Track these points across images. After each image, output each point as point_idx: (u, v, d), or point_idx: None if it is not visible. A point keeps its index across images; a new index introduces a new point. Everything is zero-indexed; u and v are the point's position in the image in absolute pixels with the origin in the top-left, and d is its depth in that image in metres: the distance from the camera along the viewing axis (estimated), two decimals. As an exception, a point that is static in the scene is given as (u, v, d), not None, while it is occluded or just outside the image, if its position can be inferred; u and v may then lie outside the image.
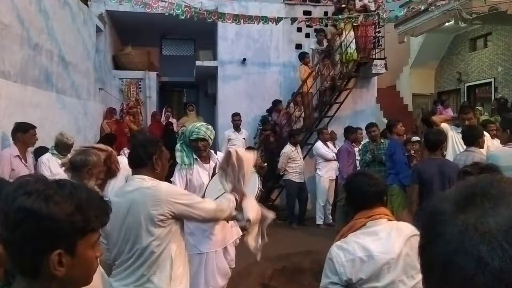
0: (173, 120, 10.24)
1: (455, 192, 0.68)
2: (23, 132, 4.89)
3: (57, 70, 6.77)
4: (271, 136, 8.46)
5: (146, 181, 2.42)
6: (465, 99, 13.52)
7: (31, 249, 0.97)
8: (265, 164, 3.87)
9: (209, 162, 3.62)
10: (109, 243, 2.44)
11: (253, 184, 3.16)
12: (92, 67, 8.70)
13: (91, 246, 1.06)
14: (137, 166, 2.51)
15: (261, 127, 8.85)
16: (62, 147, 5.13)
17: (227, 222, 3.12)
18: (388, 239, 2.05)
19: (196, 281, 3.37)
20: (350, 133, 7.42)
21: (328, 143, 8.16)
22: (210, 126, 3.62)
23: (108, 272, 2.35)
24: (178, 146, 3.56)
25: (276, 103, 9.13)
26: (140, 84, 10.18)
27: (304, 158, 8.27)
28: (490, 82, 13.18)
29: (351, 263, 2.00)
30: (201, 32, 10.52)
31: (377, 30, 9.56)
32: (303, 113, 9.02)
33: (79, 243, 1.02)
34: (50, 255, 0.98)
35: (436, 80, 15.41)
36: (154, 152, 2.52)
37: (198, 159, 3.55)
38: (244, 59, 9.70)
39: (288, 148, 7.77)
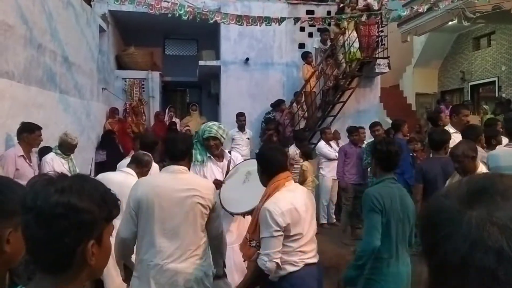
0: (176, 120, 10.24)
1: (457, 189, 0.68)
2: (28, 133, 4.89)
3: (60, 70, 6.79)
4: (274, 136, 8.45)
5: (187, 170, 2.83)
6: (469, 98, 13.47)
7: (69, 242, 1.00)
8: None
9: (223, 161, 3.81)
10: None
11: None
12: (95, 67, 8.72)
13: (110, 235, 1.11)
14: (178, 159, 2.81)
15: (265, 127, 8.84)
16: (66, 147, 5.14)
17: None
18: (300, 195, 2.72)
19: None
20: (350, 133, 7.39)
21: (331, 142, 8.13)
22: (222, 126, 3.80)
23: None
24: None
25: (280, 102, 9.12)
26: (143, 84, 10.20)
27: (307, 157, 8.25)
28: (494, 81, 13.13)
29: (287, 212, 2.56)
30: (204, 32, 10.52)
31: (380, 29, 9.54)
32: (306, 113, 9.01)
33: (104, 232, 1.07)
34: (86, 246, 1.02)
35: (439, 79, 15.36)
36: (192, 147, 2.96)
37: (212, 157, 3.74)
38: (247, 59, 9.70)
39: (292, 150, 7.76)
